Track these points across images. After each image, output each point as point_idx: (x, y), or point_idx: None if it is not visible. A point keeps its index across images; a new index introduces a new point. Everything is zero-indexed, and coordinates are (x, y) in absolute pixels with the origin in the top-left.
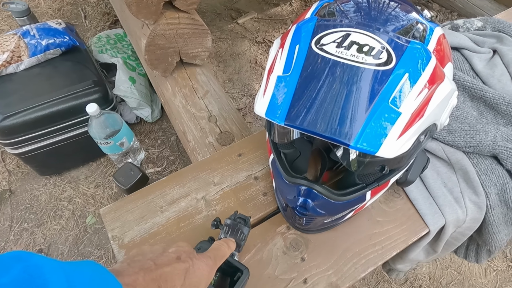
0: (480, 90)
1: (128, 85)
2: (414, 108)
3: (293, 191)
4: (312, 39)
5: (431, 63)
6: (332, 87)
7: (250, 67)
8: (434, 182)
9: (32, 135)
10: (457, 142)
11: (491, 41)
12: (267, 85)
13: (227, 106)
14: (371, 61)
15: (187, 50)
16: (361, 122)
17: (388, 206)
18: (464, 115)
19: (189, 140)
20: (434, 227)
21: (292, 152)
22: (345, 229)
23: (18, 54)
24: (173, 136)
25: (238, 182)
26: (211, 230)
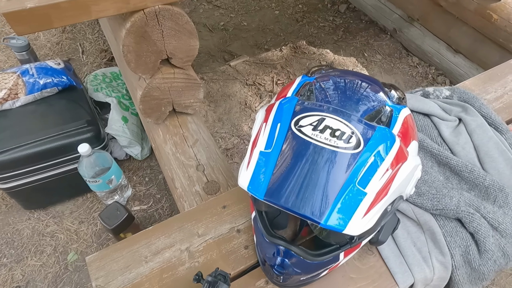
0: (446, 157)
1: (121, 125)
2: (378, 187)
3: (272, 249)
4: (292, 119)
5: (395, 146)
6: (306, 168)
7: (240, 108)
8: (405, 241)
9: (21, 171)
10: (425, 204)
11: (457, 110)
12: (250, 158)
13: (215, 155)
14: (342, 145)
15: (180, 101)
16: (330, 202)
17: (362, 263)
18: (431, 179)
19: (176, 187)
20: (403, 285)
21: (273, 210)
22: (321, 285)
23: (15, 92)
24: (161, 174)
25: (221, 234)
26: (193, 284)
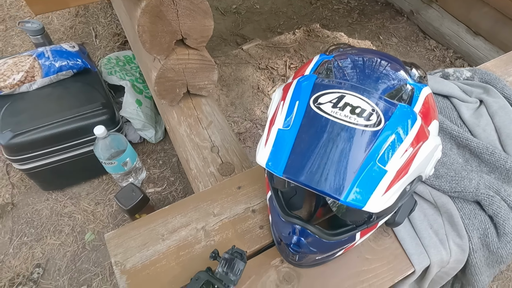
0: (466, 139)
1: (135, 108)
2: (399, 166)
3: (288, 228)
4: (311, 97)
5: (417, 124)
6: (326, 144)
7: (252, 92)
8: (421, 223)
9: (39, 152)
10: (443, 187)
11: (478, 91)
12: (268, 136)
13: (229, 137)
14: (362, 122)
15: (194, 83)
16: (350, 179)
17: (377, 244)
18: (450, 162)
19: (191, 168)
20: (419, 267)
21: (289, 190)
22: (336, 265)
23: (32, 74)
24: (175, 157)
25: (236, 214)
26: (209, 261)
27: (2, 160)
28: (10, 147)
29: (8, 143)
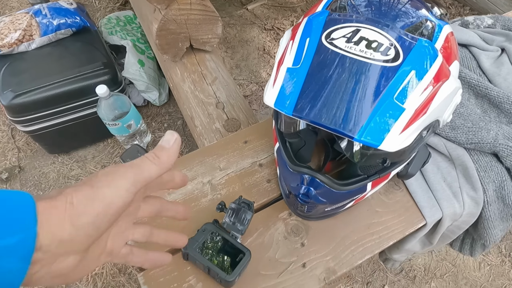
0: (485, 88)
1: (137, 68)
2: (418, 104)
3: (296, 179)
4: (323, 33)
5: (437, 61)
6: (339, 81)
7: (258, 54)
8: (434, 176)
9: (42, 113)
10: (459, 138)
11: (500, 39)
12: (276, 76)
13: (234, 93)
14: (379, 57)
15: (197, 36)
16: (366, 116)
17: (388, 197)
18: (467, 112)
19: (196, 126)
20: (431, 220)
21: (297, 141)
22: (345, 217)
23: (30, 33)
24: (180, 120)
25: (243, 168)
26: (216, 213)
27: (7, 124)
28: (12, 108)
29: (10, 104)
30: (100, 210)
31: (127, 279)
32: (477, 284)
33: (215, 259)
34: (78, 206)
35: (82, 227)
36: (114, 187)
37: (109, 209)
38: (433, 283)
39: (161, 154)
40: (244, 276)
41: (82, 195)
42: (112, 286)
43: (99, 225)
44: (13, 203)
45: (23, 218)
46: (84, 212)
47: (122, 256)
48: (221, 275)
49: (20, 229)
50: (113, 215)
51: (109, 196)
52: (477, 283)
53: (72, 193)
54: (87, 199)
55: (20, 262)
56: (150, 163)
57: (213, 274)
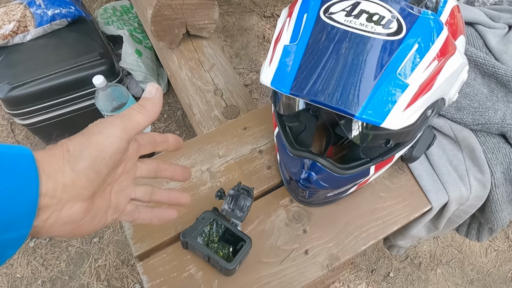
0: (492, 66)
1: (135, 58)
2: (422, 80)
3: (297, 164)
4: (321, 8)
5: (443, 34)
6: (339, 57)
7: (257, 42)
8: (439, 159)
9: (39, 106)
10: (465, 119)
11: (507, 16)
12: (273, 54)
13: (233, 80)
14: (381, 30)
15: (193, 22)
16: (367, 93)
17: (392, 182)
18: (474, 92)
19: (194, 113)
20: (436, 204)
21: (297, 125)
22: (348, 203)
23: (24, 24)
24: (179, 110)
25: (242, 155)
26: (215, 201)
27: (6, 119)
28: (9, 100)
29: (6, 96)
30: (96, 154)
31: (130, 271)
32: (483, 270)
33: (215, 247)
34: (74, 152)
35: (82, 171)
36: (105, 134)
37: (104, 153)
38: (439, 270)
39: (145, 103)
40: (245, 264)
41: (76, 142)
42: (115, 277)
43: (98, 169)
44: (11, 154)
45: (23, 166)
46: (82, 157)
47: (128, 212)
48: (221, 263)
49: (22, 177)
50: (110, 159)
51: (102, 142)
52: (484, 269)
53: (67, 142)
54: (82, 145)
55: (27, 207)
56: (136, 112)
57: (213, 263)
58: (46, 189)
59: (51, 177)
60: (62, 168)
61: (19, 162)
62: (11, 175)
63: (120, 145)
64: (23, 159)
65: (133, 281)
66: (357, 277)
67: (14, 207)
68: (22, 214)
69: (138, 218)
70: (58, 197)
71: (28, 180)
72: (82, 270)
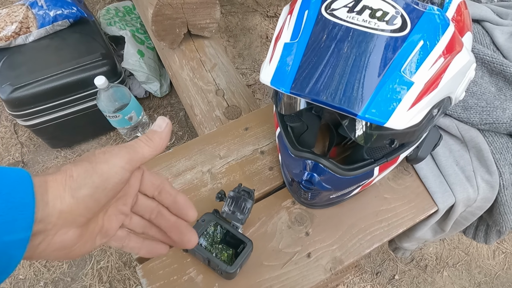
0: (500, 64)
1: (137, 59)
2: (427, 78)
3: (299, 165)
4: (322, 4)
5: (449, 30)
6: (341, 54)
7: (260, 42)
8: (446, 160)
9: (41, 107)
10: (472, 119)
11: None
12: (273, 52)
13: (235, 80)
14: (384, 27)
15: (195, 21)
16: (370, 91)
17: (397, 183)
18: (481, 91)
19: (196, 114)
20: (443, 206)
21: (299, 125)
22: (351, 205)
23: (26, 25)
24: (182, 111)
25: (244, 156)
26: (216, 203)
27: (10, 120)
28: (11, 102)
29: (8, 97)
30: (99, 183)
31: (132, 272)
32: (491, 273)
33: (219, 248)
34: (77, 179)
35: (82, 199)
36: (111, 164)
37: (107, 183)
38: (445, 272)
39: (154, 137)
40: (246, 267)
41: (81, 169)
42: (117, 279)
43: (98, 198)
44: (9, 179)
45: (20, 192)
46: (84, 184)
47: (118, 238)
48: (221, 266)
49: (18, 203)
50: (111, 190)
51: (107, 172)
52: (492, 271)
53: (72, 167)
54: (86, 172)
55: (21, 233)
56: (143, 144)
57: (214, 266)
58: (41, 216)
59: (48, 204)
60: (62, 195)
61: (16, 187)
62: (7, 201)
63: (124, 176)
64: (21, 184)
65: (135, 283)
66: (361, 279)
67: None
68: (15, 241)
69: (127, 246)
70: (52, 223)
71: (24, 207)
72: (84, 272)
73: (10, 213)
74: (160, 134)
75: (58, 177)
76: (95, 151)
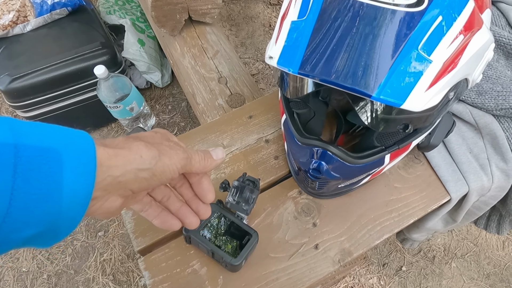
0: None
1: (137, 48)
2: (446, 56)
3: (306, 153)
4: None
5: (469, 6)
6: (353, 32)
7: (263, 31)
8: (459, 148)
9: (41, 98)
10: (487, 104)
11: None
12: (279, 31)
13: (238, 67)
14: (400, 1)
15: (196, 7)
16: (385, 70)
17: (407, 172)
18: (496, 75)
19: (198, 103)
20: (456, 195)
21: (306, 112)
22: (360, 194)
23: (24, 14)
24: (184, 101)
25: (248, 144)
26: (220, 193)
27: (10, 112)
28: (10, 92)
29: (7, 88)
30: (158, 173)
31: (136, 265)
32: (500, 264)
33: (223, 240)
34: (144, 162)
35: (141, 179)
36: (172, 161)
37: (162, 176)
38: (453, 264)
39: (208, 160)
40: (252, 259)
41: (149, 154)
42: (120, 271)
43: (151, 183)
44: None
45: (85, 160)
46: (147, 169)
47: (143, 203)
48: (226, 259)
49: (82, 171)
50: (162, 181)
51: (167, 166)
52: (501, 262)
53: (142, 148)
54: (153, 159)
55: (82, 198)
56: (198, 159)
57: (218, 258)
58: (101, 185)
59: (110, 175)
60: (127, 169)
61: (82, 156)
62: (71, 167)
63: (175, 175)
64: (86, 153)
65: (139, 275)
66: (368, 271)
67: (69, 198)
68: (77, 204)
69: (146, 211)
70: (108, 190)
71: (88, 173)
72: (87, 264)
73: (73, 177)
74: (213, 162)
75: (127, 154)
76: (163, 141)
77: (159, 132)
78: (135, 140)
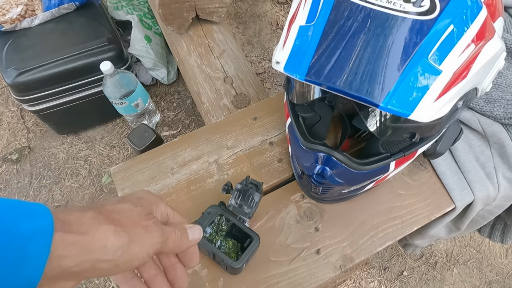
0: None
1: (144, 44)
2: (457, 66)
3: (310, 158)
4: None
5: (481, 14)
6: (362, 39)
7: (270, 29)
8: (465, 156)
9: (47, 92)
10: (495, 112)
11: None
12: (287, 36)
13: (244, 67)
14: (411, 9)
15: (203, 5)
16: (394, 79)
17: (412, 179)
18: (506, 83)
19: (203, 102)
20: (461, 204)
21: (311, 116)
22: (364, 200)
23: (32, 8)
24: (189, 99)
25: (252, 146)
26: (222, 195)
27: (16, 105)
28: (16, 86)
29: (14, 82)
30: (121, 263)
31: None
32: (503, 272)
33: (220, 244)
34: (107, 252)
35: (100, 270)
36: (143, 248)
37: (126, 265)
38: (455, 270)
39: (183, 241)
40: (253, 263)
41: (116, 241)
42: None
43: (110, 272)
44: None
45: (37, 248)
46: (110, 260)
47: None
48: (226, 261)
49: (31, 259)
50: (123, 270)
51: (135, 254)
52: (504, 270)
53: (110, 235)
54: (119, 249)
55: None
56: (173, 241)
57: (219, 260)
58: (49, 275)
59: (60, 263)
60: (82, 259)
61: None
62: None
63: (145, 260)
64: (40, 238)
65: None
66: (369, 274)
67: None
68: None
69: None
70: (57, 278)
71: (36, 265)
72: None
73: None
74: (188, 243)
75: (88, 242)
76: (142, 212)
77: (141, 206)
78: (105, 222)
